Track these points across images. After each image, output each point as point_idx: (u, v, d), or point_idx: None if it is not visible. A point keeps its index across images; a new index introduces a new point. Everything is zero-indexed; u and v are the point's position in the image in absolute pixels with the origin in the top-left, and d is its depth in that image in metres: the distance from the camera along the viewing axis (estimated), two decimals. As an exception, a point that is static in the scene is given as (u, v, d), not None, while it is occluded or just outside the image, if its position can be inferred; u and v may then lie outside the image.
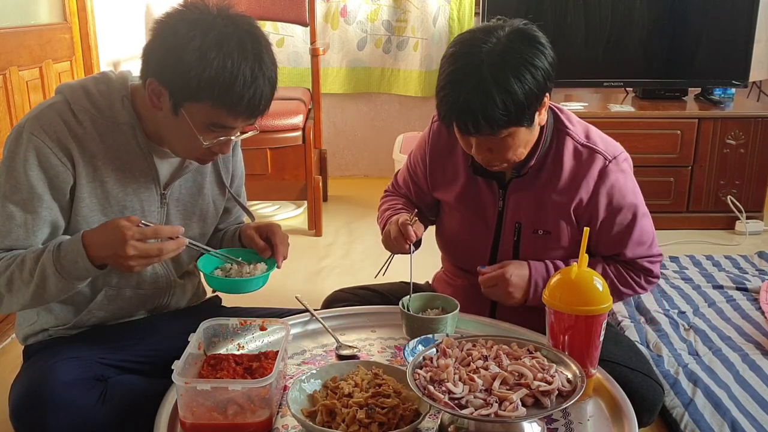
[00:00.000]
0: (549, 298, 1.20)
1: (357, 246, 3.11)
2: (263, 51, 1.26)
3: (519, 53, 1.31)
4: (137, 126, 1.34)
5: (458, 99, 1.31)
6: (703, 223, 3.34)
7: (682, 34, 3.41)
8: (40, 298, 1.28)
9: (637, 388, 1.37)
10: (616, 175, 1.48)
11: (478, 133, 1.35)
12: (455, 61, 1.34)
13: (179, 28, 1.22)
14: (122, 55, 3.27)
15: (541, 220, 1.52)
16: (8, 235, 1.28)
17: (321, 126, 3.37)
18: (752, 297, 2.37)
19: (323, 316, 1.50)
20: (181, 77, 1.21)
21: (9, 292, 1.29)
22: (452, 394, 1.07)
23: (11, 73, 2.35)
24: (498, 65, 1.30)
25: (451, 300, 1.45)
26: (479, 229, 1.59)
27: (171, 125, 1.29)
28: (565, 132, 1.50)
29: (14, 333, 1.54)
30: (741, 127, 3.24)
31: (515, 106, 1.30)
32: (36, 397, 1.23)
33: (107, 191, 1.35)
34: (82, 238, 1.24)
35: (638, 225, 1.51)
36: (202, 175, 1.48)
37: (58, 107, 1.31)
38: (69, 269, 1.24)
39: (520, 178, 1.51)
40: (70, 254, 1.24)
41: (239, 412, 1.12)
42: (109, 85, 1.35)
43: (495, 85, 1.29)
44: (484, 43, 1.32)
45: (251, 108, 1.25)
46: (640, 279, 1.56)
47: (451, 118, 1.36)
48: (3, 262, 1.28)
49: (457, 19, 3.95)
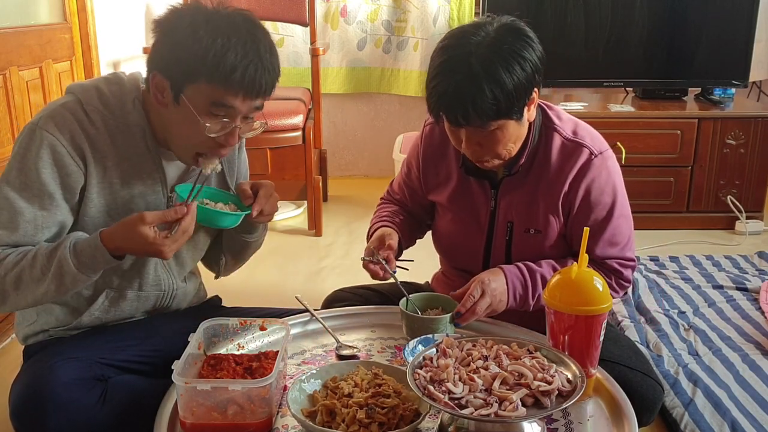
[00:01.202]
0: (549, 298, 1.20)
1: (357, 246, 3.11)
2: (258, 32, 1.27)
3: (508, 45, 1.33)
4: (147, 128, 1.34)
5: (447, 89, 1.32)
6: (703, 223, 3.34)
7: (682, 34, 3.41)
8: (51, 295, 1.28)
9: (636, 387, 1.38)
10: (599, 170, 1.48)
11: (467, 124, 1.35)
12: (444, 53, 1.35)
13: (175, 19, 1.25)
14: (122, 55, 3.27)
15: (532, 218, 1.52)
16: (16, 230, 1.28)
17: (321, 126, 3.37)
18: (752, 297, 2.37)
19: (323, 316, 1.50)
20: (176, 59, 1.23)
21: (16, 290, 1.27)
22: (452, 394, 1.07)
23: (11, 73, 2.35)
24: (487, 56, 1.31)
25: (451, 300, 1.45)
26: (472, 230, 1.59)
27: (175, 118, 1.29)
28: (552, 128, 1.51)
29: (14, 333, 1.54)
30: (741, 127, 3.24)
31: (504, 96, 1.31)
32: (36, 398, 1.23)
33: (115, 192, 1.35)
34: (100, 237, 1.25)
35: (612, 224, 1.50)
36: (207, 178, 1.48)
37: (71, 106, 1.31)
38: (88, 263, 1.25)
39: (512, 177, 1.51)
40: (87, 249, 1.25)
41: (239, 412, 1.12)
42: (121, 86, 1.35)
43: (485, 75, 1.30)
44: (473, 35, 1.34)
45: (247, 82, 1.24)
46: (610, 280, 1.53)
47: (440, 108, 1.36)
48: (11, 257, 1.26)
49: (457, 19, 3.95)
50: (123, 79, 1.36)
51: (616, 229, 1.51)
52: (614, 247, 1.52)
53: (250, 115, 1.31)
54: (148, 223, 1.23)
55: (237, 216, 1.37)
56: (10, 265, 1.26)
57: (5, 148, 2.33)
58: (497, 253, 1.58)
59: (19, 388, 1.29)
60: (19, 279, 1.26)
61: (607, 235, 1.51)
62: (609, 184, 1.50)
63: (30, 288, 1.26)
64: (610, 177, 1.50)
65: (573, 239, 1.54)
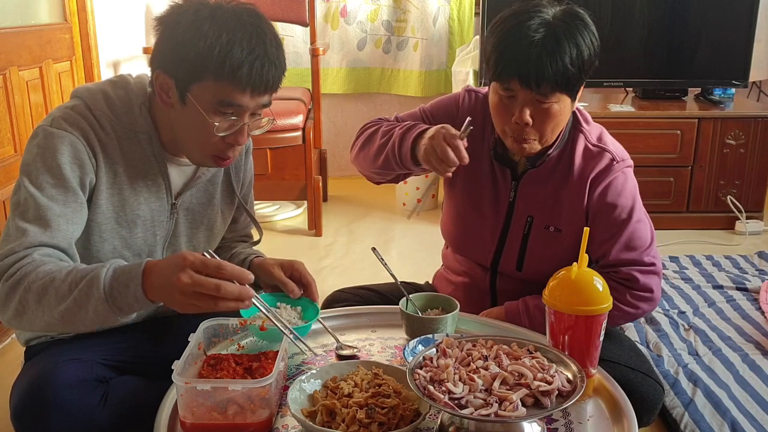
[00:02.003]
0: (549, 298, 1.20)
1: (357, 246, 3.11)
2: (263, 25, 1.24)
3: (579, 18, 1.37)
4: (153, 134, 1.32)
5: (525, 49, 1.32)
6: (703, 223, 3.34)
7: (682, 34, 3.42)
8: (68, 321, 1.14)
9: (637, 387, 1.38)
10: (619, 174, 1.48)
11: (537, 88, 1.34)
12: (516, 17, 1.36)
13: (178, 15, 1.23)
14: (122, 55, 3.27)
15: (555, 216, 1.52)
16: (49, 225, 1.20)
17: (321, 126, 3.37)
18: (752, 297, 2.37)
19: (323, 316, 1.50)
20: (180, 57, 1.21)
21: (38, 303, 1.13)
22: (452, 394, 1.07)
23: (11, 73, 2.35)
24: (567, 22, 1.35)
25: (451, 300, 1.45)
26: (487, 217, 1.58)
27: (182, 119, 1.27)
28: (579, 130, 1.52)
29: (14, 334, 1.54)
30: (741, 127, 3.24)
31: (579, 64, 1.35)
32: (39, 399, 1.23)
33: (124, 199, 1.32)
34: (145, 264, 1.12)
35: (630, 227, 1.48)
36: (213, 185, 1.47)
37: (80, 110, 1.28)
38: (117, 294, 1.10)
39: (535, 170, 1.51)
40: (124, 276, 1.11)
41: (239, 412, 1.12)
42: (128, 91, 1.33)
43: (567, 37, 1.34)
44: (542, 7, 1.37)
45: (255, 77, 1.21)
46: (621, 294, 1.47)
47: (513, 67, 1.35)
48: (49, 267, 1.15)
49: (457, 19, 3.95)
50: (129, 83, 1.34)
51: (634, 232, 1.48)
52: (631, 252, 1.48)
53: (257, 112, 1.29)
54: (189, 263, 1.06)
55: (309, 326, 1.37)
56: (42, 273, 1.14)
57: (5, 148, 2.33)
58: (512, 246, 1.57)
59: (21, 389, 1.29)
60: (45, 291, 1.13)
61: (624, 238, 1.48)
62: (627, 188, 1.49)
63: (51, 305, 1.13)
64: (628, 182, 1.50)
65: (591, 245, 1.46)
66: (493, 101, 1.44)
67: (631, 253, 1.48)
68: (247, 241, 1.65)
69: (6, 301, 1.16)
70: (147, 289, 1.10)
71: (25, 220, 1.21)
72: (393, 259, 1.56)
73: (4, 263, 1.17)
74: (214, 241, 1.54)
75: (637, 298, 1.49)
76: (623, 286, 1.48)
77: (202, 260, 1.06)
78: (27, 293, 1.14)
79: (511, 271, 1.60)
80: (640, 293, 1.48)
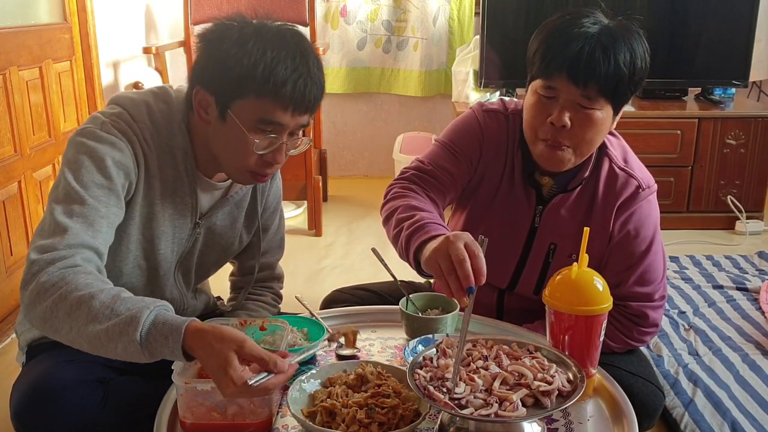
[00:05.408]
0: (549, 298, 1.20)
1: (357, 246, 3.11)
2: (306, 45, 1.24)
3: (636, 29, 1.34)
4: (189, 152, 1.31)
5: (579, 42, 1.28)
6: (703, 223, 3.34)
7: (682, 34, 3.41)
8: (94, 345, 1.08)
9: (637, 392, 1.36)
10: (644, 203, 1.44)
11: (585, 87, 1.29)
12: (571, 16, 1.33)
13: (222, 31, 1.22)
14: (122, 55, 3.27)
15: (579, 246, 1.39)
16: (92, 225, 1.16)
17: (321, 126, 3.37)
18: (752, 297, 2.37)
19: (323, 316, 1.50)
20: (222, 73, 1.20)
21: (68, 315, 1.07)
22: (452, 394, 1.07)
23: (11, 73, 2.35)
24: (623, 26, 1.33)
25: (451, 300, 1.44)
26: (508, 241, 1.50)
27: (221, 136, 1.25)
28: (605, 152, 1.46)
29: (14, 334, 1.54)
30: (741, 127, 3.24)
31: (631, 70, 1.31)
32: (39, 400, 1.23)
33: (153, 213, 1.31)
34: (188, 324, 1.05)
35: (647, 260, 1.44)
36: (239, 208, 1.45)
37: (125, 119, 1.26)
38: (152, 341, 1.05)
39: (565, 194, 1.45)
40: (165, 327, 1.05)
41: (239, 412, 1.12)
42: (170, 105, 1.31)
43: (623, 38, 1.30)
44: (596, 13, 1.34)
45: (297, 96, 1.20)
46: (631, 331, 1.45)
47: (561, 63, 1.30)
48: (88, 279, 1.09)
49: (457, 19, 3.95)
50: (171, 97, 1.32)
51: (650, 265, 1.45)
52: (645, 286, 1.44)
53: (296, 131, 1.28)
54: (243, 352, 1.03)
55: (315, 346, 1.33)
56: (82, 285, 1.08)
57: (5, 147, 2.33)
58: (531, 271, 1.50)
59: (22, 390, 1.28)
60: (80, 305, 1.07)
61: (640, 271, 1.44)
62: (651, 218, 1.45)
63: (80, 321, 1.07)
64: (652, 211, 1.46)
65: (605, 272, 1.39)
66: (530, 102, 1.38)
67: (644, 288, 1.45)
68: (274, 289, 1.63)
69: (36, 300, 1.10)
70: (187, 348, 1.05)
71: (67, 215, 1.16)
72: (393, 260, 1.54)
73: (43, 258, 1.11)
74: (224, 261, 1.53)
75: (643, 334, 1.48)
76: (632, 323, 1.46)
77: (259, 356, 1.03)
78: (61, 301, 1.08)
79: (527, 294, 1.54)
80: (646, 329, 1.47)
